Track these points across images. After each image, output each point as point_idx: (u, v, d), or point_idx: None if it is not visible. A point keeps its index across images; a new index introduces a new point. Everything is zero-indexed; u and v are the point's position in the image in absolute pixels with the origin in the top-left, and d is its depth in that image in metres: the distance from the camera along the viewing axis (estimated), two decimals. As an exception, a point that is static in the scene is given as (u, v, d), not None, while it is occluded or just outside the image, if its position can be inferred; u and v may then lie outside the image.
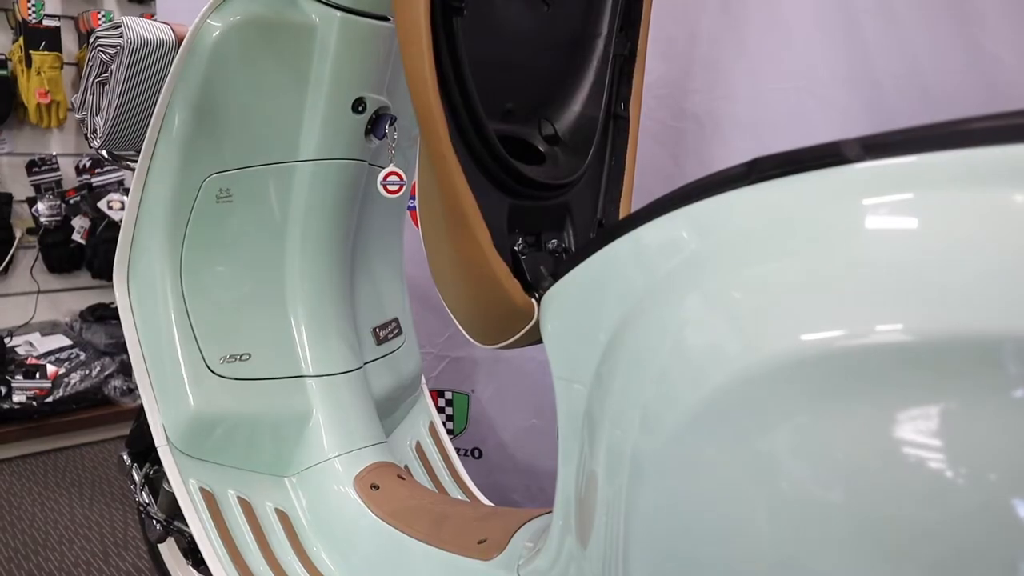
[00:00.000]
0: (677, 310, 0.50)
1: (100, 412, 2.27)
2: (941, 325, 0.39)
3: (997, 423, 0.37)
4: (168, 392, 0.96)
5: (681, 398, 0.47)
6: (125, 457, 1.24)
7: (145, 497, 1.18)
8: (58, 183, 2.41)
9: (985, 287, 0.39)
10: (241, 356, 0.99)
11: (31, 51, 2.25)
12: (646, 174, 1.03)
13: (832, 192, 0.45)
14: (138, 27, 0.94)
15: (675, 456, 0.48)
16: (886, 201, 0.44)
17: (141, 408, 1.29)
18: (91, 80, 1.00)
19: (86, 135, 1.05)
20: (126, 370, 2.34)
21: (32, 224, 2.38)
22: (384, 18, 1.00)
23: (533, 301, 0.73)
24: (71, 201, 2.41)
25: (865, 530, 0.40)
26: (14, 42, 2.28)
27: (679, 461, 0.48)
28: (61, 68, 2.32)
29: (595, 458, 0.57)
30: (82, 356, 2.31)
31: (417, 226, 1.67)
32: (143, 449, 1.25)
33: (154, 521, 1.16)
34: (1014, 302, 0.38)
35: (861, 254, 0.43)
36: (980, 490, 0.38)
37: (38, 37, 2.27)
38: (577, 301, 0.65)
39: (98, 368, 2.29)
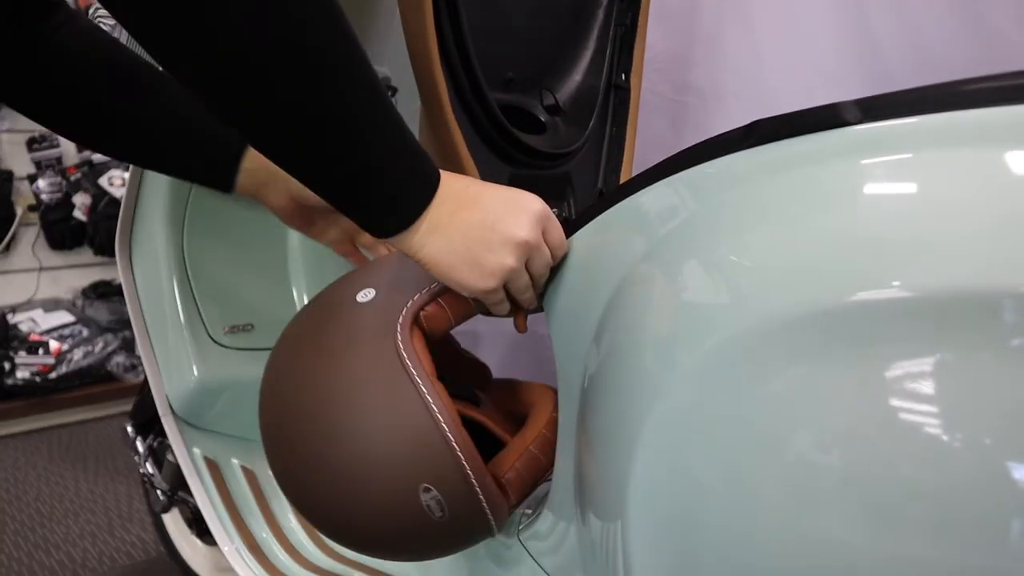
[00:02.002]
0: (675, 272, 0.51)
1: (103, 388, 2.29)
2: (937, 282, 0.39)
3: (992, 374, 0.38)
4: (171, 362, 0.97)
5: (678, 360, 0.47)
6: (129, 429, 1.25)
7: (149, 468, 1.19)
8: (58, 160, 2.41)
9: (980, 244, 0.39)
10: (244, 326, 1.00)
11: (30, 27, 2.25)
12: (647, 147, 1.04)
13: (830, 154, 0.46)
14: None
15: (671, 418, 0.48)
16: (883, 162, 0.44)
17: (145, 381, 1.31)
18: (91, 51, 1.00)
19: (87, 107, 1.05)
20: (129, 346, 2.36)
21: (33, 201, 2.38)
22: (384, -12, 1.00)
23: None
24: (72, 178, 2.41)
25: (864, 483, 0.41)
26: (12, 17, 2.28)
27: (675, 423, 0.48)
28: (60, 44, 2.31)
29: (593, 423, 0.58)
30: (85, 332, 2.32)
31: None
32: (146, 421, 1.27)
33: (158, 492, 1.18)
34: (1008, 259, 0.38)
35: (858, 214, 0.44)
36: (976, 440, 0.38)
37: (37, 12, 2.26)
38: (576, 268, 0.65)
39: (101, 344, 2.31)
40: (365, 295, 0.63)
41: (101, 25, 0.97)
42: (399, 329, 0.59)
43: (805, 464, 0.43)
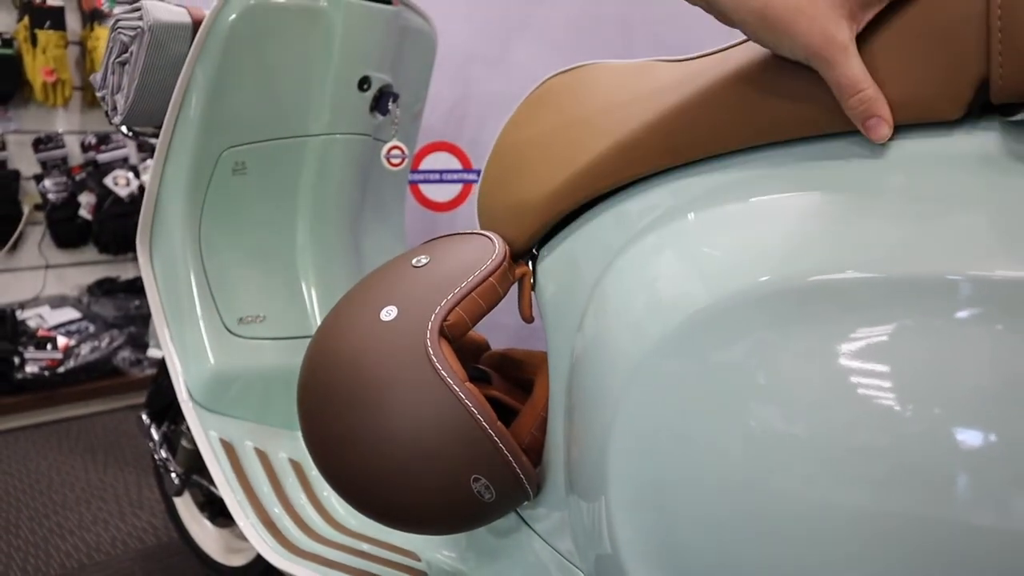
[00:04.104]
0: (650, 260, 0.57)
1: (110, 382, 2.35)
2: (891, 265, 0.46)
3: (940, 344, 0.43)
4: (189, 351, 1.03)
5: (651, 336, 0.54)
6: (144, 417, 1.32)
7: (164, 453, 1.26)
8: (64, 160, 2.47)
9: (932, 237, 0.45)
10: (256, 317, 1.07)
11: (36, 30, 2.30)
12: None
13: (787, 161, 0.53)
14: (157, 11, 1.00)
15: (645, 391, 0.54)
16: (828, 166, 0.51)
17: (158, 371, 1.37)
18: (112, 60, 1.07)
19: (107, 112, 1.11)
20: (134, 341, 2.42)
21: (39, 200, 2.44)
22: (387, 1, 1.07)
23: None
24: (77, 178, 2.47)
25: (822, 443, 0.46)
26: (19, 21, 2.33)
27: (649, 396, 0.54)
28: (66, 47, 2.36)
29: (578, 400, 0.64)
30: (91, 328, 2.38)
31: (420, 201, 1.74)
32: (160, 409, 1.33)
33: (173, 475, 1.24)
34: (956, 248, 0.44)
35: (818, 209, 0.51)
36: (924, 402, 0.43)
37: (43, 16, 2.31)
38: (566, 261, 0.72)
39: (107, 340, 2.37)
40: (388, 313, 0.69)
41: (121, 35, 1.04)
42: (430, 346, 0.66)
43: (767, 426, 0.48)
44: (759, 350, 0.49)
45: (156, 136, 1.04)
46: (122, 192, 2.47)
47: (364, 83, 1.07)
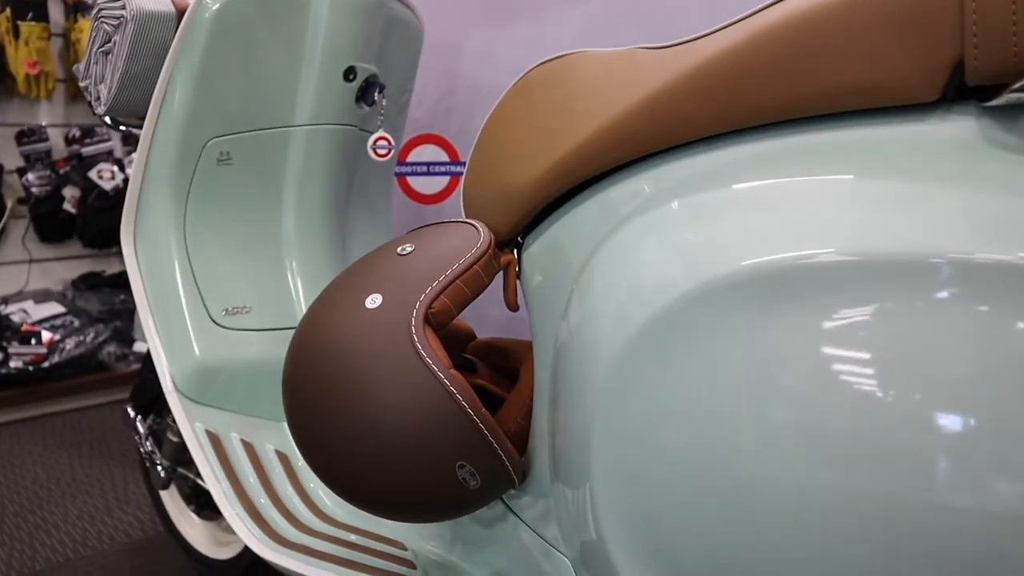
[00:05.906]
0: (634, 245, 0.58)
1: (95, 377, 2.33)
2: (871, 247, 0.46)
3: (921, 324, 0.43)
4: (174, 343, 1.03)
5: (633, 320, 0.54)
6: (130, 410, 1.31)
7: (149, 446, 1.25)
8: (47, 153, 2.45)
9: (919, 221, 0.46)
10: (242, 308, 1.06)
11: (19, 22, 2.28)
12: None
13: (767, 145, 0.54)
14: (141, 0, 0.99)
15: (626, 376, 0.54)
16: (809, 150, 0.52)
17: (143, 365, 1.37)
18: (95, 50, 1.06)
19: (90, 102, 1.10)
20: (119, 336, 2.40)
21: (23, 194, 2.42)
22: (372, -9, 1.06)
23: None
24: (61, 171, 2.45)
25: (803, 424, 0.46)
26: (0, 13, 2.31)
27: (631, 380, 0.54)
28: (49, 39, 2.34)
29: (562, 387, 0.64)
30: (76, 323, 2.37)
31: (407, 194, 1.74)
32: (146, 402, 1.33)
33: (159, 468, 1.24)
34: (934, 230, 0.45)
35: (783, 192, 0.51)
36: (906, 383, 0.44)
37: (25, 8, 2.29)
38: (550, 251, 0.72)
39: (92, 334, 2.35)
40: (373, 301, 0.69)
41: (104, 24, 1.03)
42: (414, 333, 0.66)
43: (751, 410, 0.48)
44: (743, 334, 0.49)
45: (140, 127, 1.03)
46: (107, 186, 2.45)
47: (350, 73, 1.07)
